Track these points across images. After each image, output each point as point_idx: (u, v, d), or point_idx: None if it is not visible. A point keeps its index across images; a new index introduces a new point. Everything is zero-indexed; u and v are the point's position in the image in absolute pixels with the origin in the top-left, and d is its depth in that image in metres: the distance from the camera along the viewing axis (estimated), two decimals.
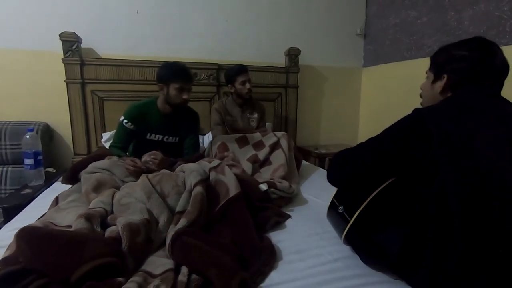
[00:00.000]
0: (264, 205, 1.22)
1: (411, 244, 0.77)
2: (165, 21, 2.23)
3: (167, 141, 1.69)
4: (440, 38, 2.07)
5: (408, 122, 0.81)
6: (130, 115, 1.59)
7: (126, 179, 1.33)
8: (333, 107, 2.87)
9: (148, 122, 1.62)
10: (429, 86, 0.92)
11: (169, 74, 1.54)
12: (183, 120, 1.72)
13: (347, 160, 0.92)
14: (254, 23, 2.46)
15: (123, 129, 1.60)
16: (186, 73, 1.58)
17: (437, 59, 0.90)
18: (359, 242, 0.91)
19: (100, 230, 0.82)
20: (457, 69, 0.83)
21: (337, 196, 0.96)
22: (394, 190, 0.82)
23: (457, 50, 0.84)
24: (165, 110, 1.63)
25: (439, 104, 0.81)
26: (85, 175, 1.30)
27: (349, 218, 0.87)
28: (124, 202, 0.98)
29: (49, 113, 2.04)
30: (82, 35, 1.98)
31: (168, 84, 1.54)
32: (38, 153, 1.61)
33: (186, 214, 0.97)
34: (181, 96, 1.56)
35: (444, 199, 0.68)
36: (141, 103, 1.65)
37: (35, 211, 1.27)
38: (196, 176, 1.11)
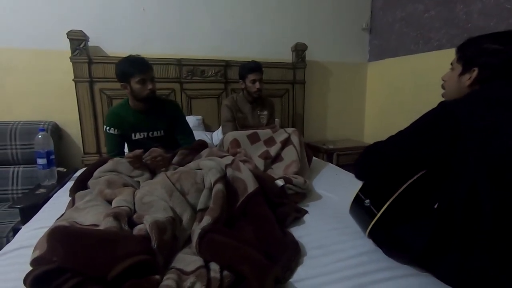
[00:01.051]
0: (281, 201, 1.22)
1: (438, 237, 0.78)
2: (172, 18, 2.21)
3: (153, 136, 1.67)
4: (448, 32, 2.07)
5: (437, 115, 0.81)
6: (109, 121, 1.59)
7: (133, 174, 1.34)
8: (339, 103, 2.87)
9: (128, 123, 1.60)
10: (455, 78, 0.90)
11: (126, 69, 1.49)
12: (162, 112, 1.67)
13: (379, 154, 0.92)
14: (260, 19, 2.45)
15: (110, 137, 1.61)
16: (142, 63, 1.51)
17: (467, 51, 0.87)
18: (383, 236, 0.92)
19: (127, 229, 0.82)
20: (489, 63, 0.81)
21: (363, 189, 0.96)
22: (421, 183, 0.83)
23: (489, 43, 0.82)
24: (138, 107, 1.60)
25: (468, 98, 0.80)
26: (93, 181, 1.31)
27: (376, 211, 0.88)
28: (146, 200, 0.98)
29: (58, 112, 2.04)
30: (88, 33, 1.97)
31: (129, 80, 1.49)
32: (50, 152, 1.61)
33: (209, 211, 0.97)
34: (145, 87, 1.50)
35: (474, 191, 0.69)
36: (115, 107, 1.65)
37: (52, 210, 1.27)
38: (215, 174, 1.12)
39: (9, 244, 1.03)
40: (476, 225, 0.69)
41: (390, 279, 0.81)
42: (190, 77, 2.20)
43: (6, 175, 1.82)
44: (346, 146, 2.55)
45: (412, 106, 2.42)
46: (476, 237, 0.70)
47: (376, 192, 0.92)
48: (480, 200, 0.67)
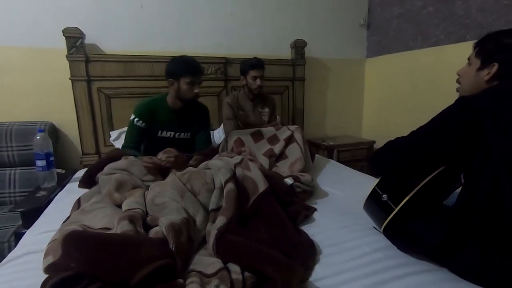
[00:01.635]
0: (291, 199, 1.22)
1: (456, 232, 0.78)
2: (170, 15, 2.17)
3: (178, 138, 1.67)
4: (447, 28, 2.09)
5: (458, 111, 0.81)
6: (140, 113, 1.56)
7: (145, 178, 1.31)
8: (338, 99, 2.87)
9: (158, 119, 1.59)
10: (472, 72, 0.90)
11: (179, 68, 1.51)
12: (194, 115, 1.69)
13: (400, 151, 0.92)
14: (260, 16, 2.43)
15: (134, 128, 1.57)
16: (196, 66, 1.55)
17: (486, 47, 0.87)
18: (398, 231, 0.93)
19: (143, 232, 0.80)
20: (510, 59, 0.82)
21: (380, 184, 0.97)
22: (439, 179, 0.84)
23: (510, 38, 0.83)
24: (175, 106, 1.60)
25: (488, 93, 0.80)
26: (103, 177, 1.28)
27: (394, 206, 0.88)
28: (158, 202, 0.97)
29: (54, 113, 1.98)
30: (85, 31, 1.91)
31: (179, 79, 1.51)
32: (50, 154, 1.57)
33: (222, 211, 0.96)
34: (192, 90, 1.53)
35: (496, 187, 0.69)
36: (150, 100, 1.62)
37: (56, 213, 1.24)
38: (226, 173, 1.10)
39: (15, 250, 0.99)
40: (498, 221, 0.69)
41: (408, 275, 0.81)
42: None
43: (3, 178, 1.76)
44: (346, 142, 2.57)
45: (410, 102, 2.45)
46: (497, 233, 0.71)
47: (394, 187, 0.93)
48: (502, 196, 0.68)
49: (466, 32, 1.97)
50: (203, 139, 1.74)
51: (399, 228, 0.93)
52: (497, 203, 0.69)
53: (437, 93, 2.19)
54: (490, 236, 0.72)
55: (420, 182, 0.85)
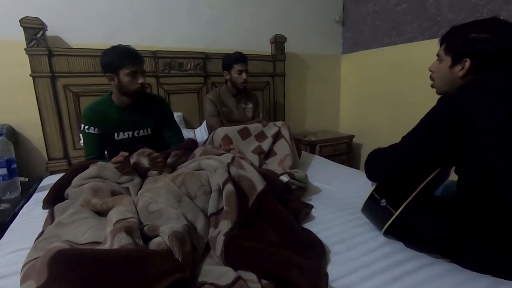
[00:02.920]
0: (288, 197, 1.18)
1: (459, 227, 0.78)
2: (145, 6, 2.02)
3: (138, 136, 1.53)
4: (420, 24, 2.17)
5: (447, 113, 0.79)
6: (88, 119, 1.41)
7: (121, 180, 1.19)
8: (316, 95, 2.89)
9: (110, 121, 1.44)
10: (445, 69, 0.89)
11: (115, 59, 1.34)
12: (148, 109, 1.53)
13: (396, 160, 0.90)
14: (239, 10, 2.35)
15: (89, 137, 1.42)
16: (134, 53, 1.39)
17: (454, 42, 0.86)
18: (401, 232, 0.92)
19: (142, 244, 0.71)
20: (481, 53, 0.81)
21: (377, 189, 0.95)
22: (434, 178, 0.83)
23: (476, 32, 0.82)
24: (123, 103, 1.45)
25: (470, 90, 0.79)
26: (73, 190, 1.14)
27: (393, 210, 0.87)
28: (153, 209, 0.87)
29: (12, 113, 1.75)
30: (47, 21, 1.71)
31: (117, 71, 1.35)
32: (11, 161, 1.37)
33: (225, 215, 0.89)
34: (135, 81, 1.37)
35: (494, 181, 0.70)
36: (95, 103, 1.46)
37: (25, 229, 1.09)
38: (223, 174, 1.03)
39: None
40: (499, 212, 0.70)
41: (421, 268, 0.81)
42: (168, 71, 2.04)
43: None
44: (327, 137, 2.59)
45: (385, 97, 2.53)
46: (499, 224, 0.72)
47: (392, 191, 0.91)
48: (501, 192, 0.69)
49: (438, 29, 2.06)
50: (171, 133, 1.61)
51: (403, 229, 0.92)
52: (497, 196, 0.70)
53: (411, 88, 2.28)
54: (492, 228, 0.73)
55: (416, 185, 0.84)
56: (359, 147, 2.85)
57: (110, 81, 1.38)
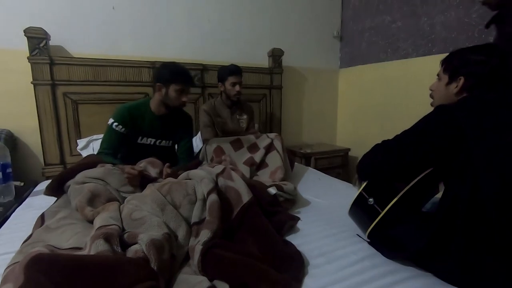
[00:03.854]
0: (275, 209, 1.19)
1: (438, 237, 0.80)
2: (145, 19, 2.09)
3: (159, 145, 1.60)
4: (414, 42, 2.22)
5: (440, 117, 0.85)
6: (120, 117, 1.47)
7: (123, 189, 1.22)
8: (314, 108, 2.93)
9: (140, 125, 1.51)
10: (442, 87, 0.98)
11: (171, 75, 1.46)
12: (177, 123, 1.63)
13: (386, 155, 0.94)
14: (237, 23, 2.42)
15: (113, 133, 1.47)
16: (188, 75, 1.52)
17: (452, 63, 0.95)
18: (383, 236, 0.94)
19: (120, 251, 0.73)
20: (474, 72, 0.89)
21: (366, 189, 0.98)
22: (423, 183, 0.86)
23: (473, 55, 0.91)
24: (159, 112, 1.54)
25: (463, 101, 0.86)
26: (75, 186, 1.16)
27: (380, 209, 0.89)
28: (136, 216, 0.89)
29: (12, 119, 1.80)
30: (50, 31, 1.77)
31: (168, 85, 1.46)
32: (7, 165, 1.41)
33: (206, 224, 0.91)
34: (180, 98, 1.49)
35: (477, 191, 0.72)
36: (133, 104, 1.54)
37: (15, 232, 1.11)
38: (208, 184, 1.05)
39: None
40: (479, 225, 0.72)
41: (396, 284, 0.81)
42: None
43: None
44: (323, 150, 2.61)
45: (381, 111, 2.55)
46: (479, 237, 0.73)
47: (380, 191, 0.94)
48: (483, 200, 0.71)
49: (432, 46, 2.10)
50: (185, 148, 1.68)
51: (383, 234, 0.94)
52: (478, 207, 0.72)
53: (406, 103, 2.30)
54: (471, 239, 0.74)
55: (405, 186, 0.87)
56: (355, 161, 2.86)
57: (158, 90, 1.48)
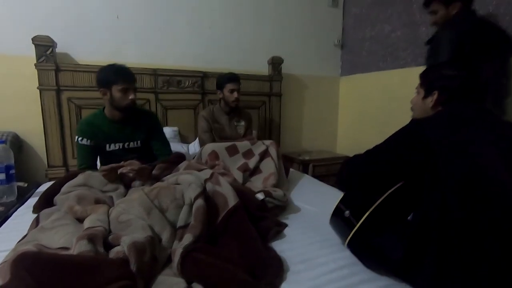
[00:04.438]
0: (262, 215, 1.22)
1: (414, 247, 0.81)
2: (147, 27, 2.16)
3: (128, 147, 1.61)
4: (413, 51, 2.23)
5: (409, 132, 0.87)
6: (82, 131, 1.51)
7: (106, 188, 1.28)
8: (314, 115, 2.95)
9: (102, 134, 1.54)
10: (420, 101, 1.01)
11: (110, 76, 1.46)
12: (138, 123, 1.62)
13: (357, 167, 0.97)
14: (238, 31, 2.48)
15: (82, 148, 1.52)
16: (127, 72, 1.50)
17: (427, 77, 0.99)
18: (362, 247, 0.95)
19: (103, 251, 0.77)
20: (447, 86, 0.92)
21: (343, 201, 1.00)
22: (398, 195, 0.88)
23: (446, 69, 0.94)
24: (114, 117, 1.54)
25: (434, 116, 0.89)
26: (61, 197, 1.22)
27: (355, 222, 0.91)
28: (122, 219, 0.93)
29: (18, 122, 1.89)
30: (57, 39, 1.86)
31: (110, 87, 1.45)
32: (10, 167, 1.48)
33: (190, 228, 0.94)
34: (126, 97, 1.47)
35: (446, 202, 0.73)
36: (89, 117, 1.57)
37: (13, 231, 1.16)
38: (196, 189, 1.09)
39: None
40: (450, 239, 0.73)
41: None
42: (166, 88, 2.15)
43: None
44: (321, 157, 2.62)
45: (381, 119, 2.55)
46: (450, 250, 0.74)
47: (355, 203, 0.96)
48: (451, 213, 0.72)
49: None
50: (160, 145, 1.69)
51: (364, 244, 0.96)
52: (447, 223, 0.73)
53: (405, 111, 2.29)
54: (444, 250, 0.75)
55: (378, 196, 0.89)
56: None
57: (103, 96, 1.49)
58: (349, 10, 2.88)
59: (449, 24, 1.48)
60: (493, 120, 0.86)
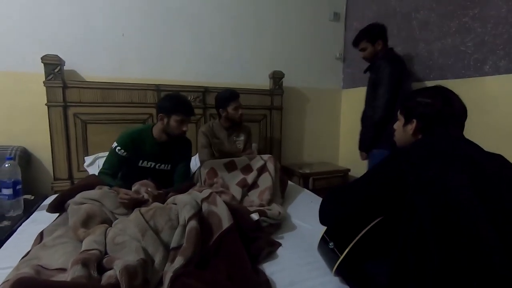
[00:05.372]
0: (256, 235, 1.24)
1: (397, 276, 0.83)
2: (151, 44, 2.24)
3: (159, 169, 1.69)
4: (412, 67, 2.24)
5: (387, 166, 0.88)
6: (123, 142, 1.58)
7: (117, 211, 1.31)
8: (315, 127, 2.97)
9: (141, 150, 1.62)
10: (400, 128, 1.02)
11: (172, 106, 1.57)
12: (176, 148, 1.72)
13: (337, 203, 0.98)
14: (239, 46, 2.53)
15: (115, 156, 1.59)
16: (189, 106, 1.62)
17: (407, 105, 1.00)
18: (349, 275, 0.97)
19: (97, 275, 0.81)
20: (424, 114, 0.93)
21: (327, 232, 1.01)
22: (380, 227, 0.89)
23: (422, 97, 0.95)
24: (160, 139, 1.64)
25: (411, 148, 0.89)
26: (74, 206, 1.26)
27: (339, 254, 0.92)
28: (118, 241, 0.97)
29: (27, 136, 1.97)
30: (64, 56, 1.94)
31: (170, 115, 1.57)
32: (17, 182, 1.54)
33: (182, 251, 0.97)
34: (181, 127, 1.59)
35: (423, 235, 0.75)
36: (136, 130, 1.65)
37: (17, 247, 1.21)
38: (190, 210, 1.12)
39: None
40: (426, 266, 0.74)
41: None
42: None
43: None
44: (322, 170, 2.63)
45: None
46: (427, 277, 0.75)
47: (338, 235, 0.97)
48: (427, 243, 0.73)
49: (430, 72, 2.12)
50: (182, 171, 1.76)
51: (350, 271, 0.97)
52: (424, 251, 0.75)
53: None
54: (423, 279, 0.76)
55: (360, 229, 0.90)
56: None
57: (160, 120, 1.59)
58: (350, 24, 2.91)
59: (384, 59, 1.87)
60: (468, 151, 0.86)
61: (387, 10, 2.47)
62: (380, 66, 1.86)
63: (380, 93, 1.83)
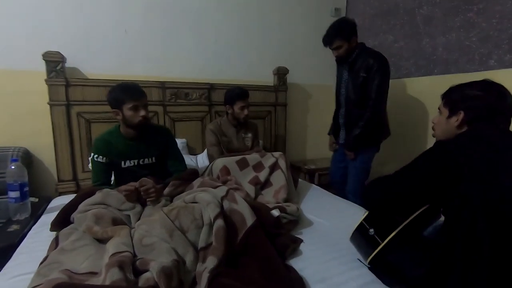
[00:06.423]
0: (278, 232, 1.23)
1: (438, 267, 0.84)
2: (155, 40, 2.18)
3: (143, 164, 1.62)
4: (416, 61, 2.27)
5: (438, 155, 0.88)
6: (97, 149, 1.53)
7: (123, 207, 1.30)
8: (318, 123, 2.97)
9: (117, 151, 1.55)
10: (443, 120, 1.02)
11: (118, 96, 1.46)
12: (152, 138, 1.63)
13: (385, 189, 0.99)
14: (243, 43, 2.50)
15: (97, 165, 1.54)
16: (135, 89, 1.50)
17: (452, 97, 1.00)
18: (383, 265, 0.97)
19: (133, 278, 0.78)
20: (473, 107, 0.93)
21: (367, 219, 1.02)
22: (421, 216, 0.90)
23: (470, 89, 0.96)
24: (129, 135, 1.56)
25: (461, 138, 0.90)
26: (79, 215, 1.24)
27: (380, 241, 0.93)
28: (146, 242, 0.95)
29: (28, 137, 1.89)
30: (66, 54, 1.87)
31: (121, 107, 1.46)
32: (24, 185, 1.48)
33: (212, 250, 0.96)
34: (137, 114, 1.47)
35: (474, 227, 0.76)
36: (105, 133, 1.59)
37: (32, 252, 1.17)
38: (215, 209, 1.10)
39: None
40: (476, 261, 0.75)
41: None
42: (174, 100, 2.17)
43: None
44: (327, 166, 2.64)
45: None
46: (476, 273, 0.76)
47: (381, 222, 0.98)
48: (479, 238, 0.74)
49: (434, 67, 2.15)
50: (174, 162, 1.70)
51: (383, 261, 0.98)
52: (475, 244, 0.75)
53: (408, 121, 2.34)
54: (469, 270, 0.77)
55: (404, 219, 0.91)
56: None
57: (116, 116, 1.50)
58: None
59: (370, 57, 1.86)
60: None
61: (389, 5, 2.48)
62: (372, 65, 1.82)
63: (377, 91, 1.82)
